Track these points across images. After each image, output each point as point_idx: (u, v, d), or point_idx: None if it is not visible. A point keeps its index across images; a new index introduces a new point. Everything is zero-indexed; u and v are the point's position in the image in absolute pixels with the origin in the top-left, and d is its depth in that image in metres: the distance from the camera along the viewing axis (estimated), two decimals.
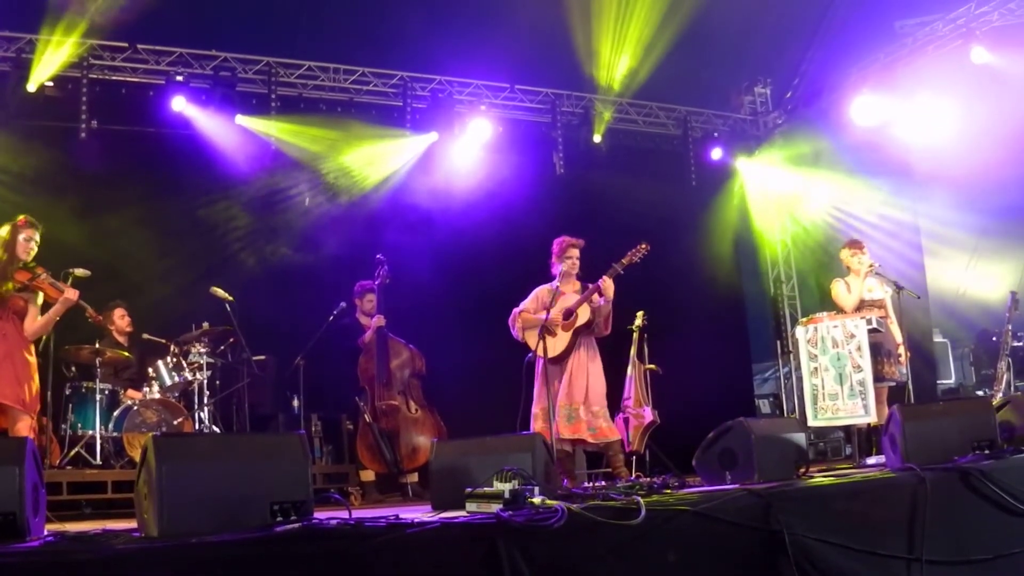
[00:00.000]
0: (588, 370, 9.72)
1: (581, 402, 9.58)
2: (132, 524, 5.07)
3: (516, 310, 9.78)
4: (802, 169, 16.04)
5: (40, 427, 9.49)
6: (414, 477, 11.28)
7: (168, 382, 11.09)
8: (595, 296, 9.63)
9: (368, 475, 11.37)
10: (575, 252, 9.88)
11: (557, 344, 9.63)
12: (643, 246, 9.81)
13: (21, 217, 8.45)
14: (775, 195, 16.55)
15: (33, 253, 8.42)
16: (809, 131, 15.85)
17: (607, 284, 9.57)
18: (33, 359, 8.47)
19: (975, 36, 13.28)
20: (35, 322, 8.45)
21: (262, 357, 11.84)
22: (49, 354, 9.11)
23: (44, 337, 8.86)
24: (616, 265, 9.65)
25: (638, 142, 16.09)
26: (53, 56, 11.96)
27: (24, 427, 8.16)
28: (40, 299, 8.49)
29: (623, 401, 11.87)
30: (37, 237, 8.44)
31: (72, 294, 8.43)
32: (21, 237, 8.35)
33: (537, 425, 9.48)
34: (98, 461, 10.22)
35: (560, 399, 9.58)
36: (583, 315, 9.64)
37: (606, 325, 9.81)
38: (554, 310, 9.62)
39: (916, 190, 14.95)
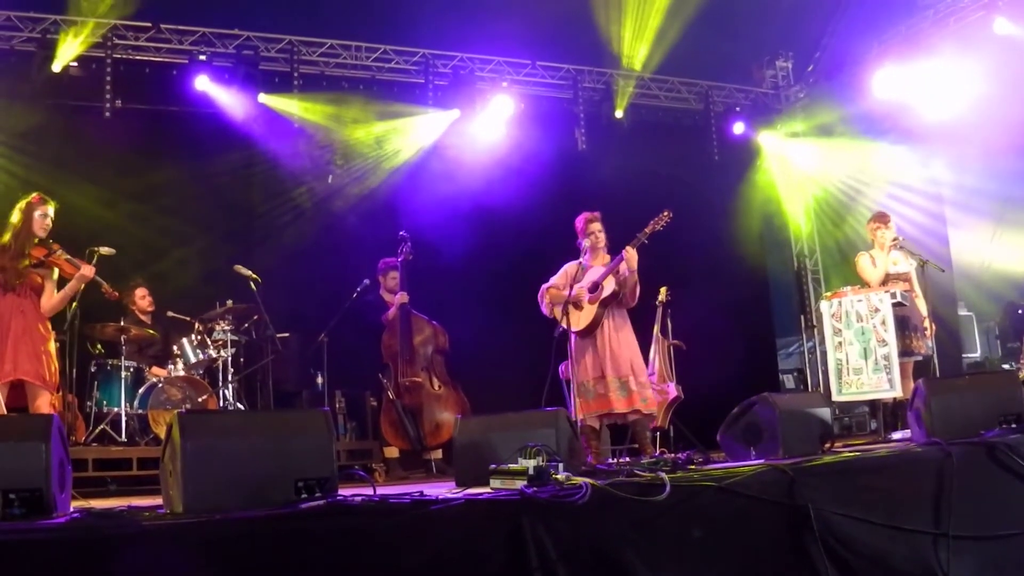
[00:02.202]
0: (620, 340, 9.66)
1: (629, 374, 9.50)
2: (157, 501, 5.11)
3: (544, 286, 9.71)
4: (824, 142, 15.96)
5: (66, 404, 9.54)
6: (438, 454, 11.30)
7: (193, 359, 11.14)
8: (621, 267, 9.58)
9: (392, 452, 11.41)
10: (595, 226, 9.81)
11: (583, 317, 9.57)
12: (666, 213, 9.73)
13: (35, 194, 8.48)
14: (798, 169, 16.47)
15: (48, 229, 8.44)
16: (831, 104, 15.76)
17: (630, 254, 9.51)
18: (50, 335, 8.50)
19: (997, 7, 13.17)
20: (52, 298, 8.48)
21: (286, 334, 11.87)
22: (75, 331, 9.14)
23: (69, 314, 8.90)
24: (639, 235, 9.59)
25: (660, 117, 16.03)
26: (77, 36, 11.98)
27: (44, 403, 8.19)
28: (56, 275, 8.51)
29: (647, 377, 11.86)
30: (52, 213, 8.46)
31: (88, 271, 8.45)
32: (37, 214, 8.37)
33: (578, 400, 9.42)
34: (123, 438, 10.30)
35: (591, 373, 9.52)
36: (608, 286, 9.58)
37: (632, 296, 9.73)
38: (580, 284, 9.59)
39: (939, 162, 14.90)
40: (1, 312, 8.19)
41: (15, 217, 8.36)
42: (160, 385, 10.70)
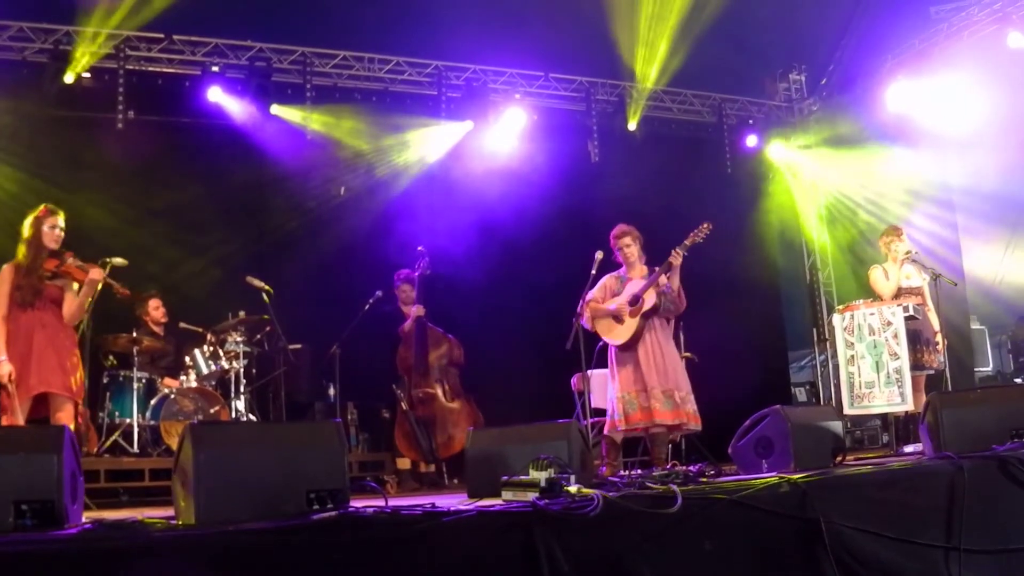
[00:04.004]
0: (664, 353, 9.60)
1: (674, 387, 9.43)
2: (169, 512, 5.12)
3: (584, 299, 9.64)
4: (838, 155, 15.95)
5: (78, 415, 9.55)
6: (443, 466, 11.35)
7: (205, 371, 11.16)
8: (661, 279, 9.54)
9: (404, 463, 11.41)
10: (622, 240, 9.74)
11: (623, 331, 9.53)
12: (706, 225, 9.70)
13: (42, 207, 8.38)
14: (810, 182, 16.47)
15: (60, 239, 8.36)
16: (844, 117, 15.75)
17: (676, 260, 9.47)
18: (75, 346, 8.45)
19: (1011, 20, 13.15)
20: (71, 306, 8.45)
21: (298, 346, 11.89)
22: (86, 343, 9.13)
23: (82, 326, 8.87)
24: (678, 248, 9.56)
25: (673, 130, 16.01)
26: (90, 47, 12.01)
27: (66, 415, 8.16)
28: (76, 284, 8.48)
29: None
30: (61, 223, 8.35)
31: (96, 274, 8.35)
32: (46, 227, 8.26)
33: (612, 412, 9.39)
34: (135, 449, 10.33)
35: (634, 386, 9.46)
36: (649, 299, 9.54)
37: (681, 300, 9.71)
38: (621, 297, 9.57)
39: (953, 176, 14.86)
40: (23, 328, 8.13)
41: (26, 233, 8.30)
42: (172, 396, 10.73)
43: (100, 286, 8.54)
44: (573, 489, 5.02)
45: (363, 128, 13.73)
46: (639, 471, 8.13)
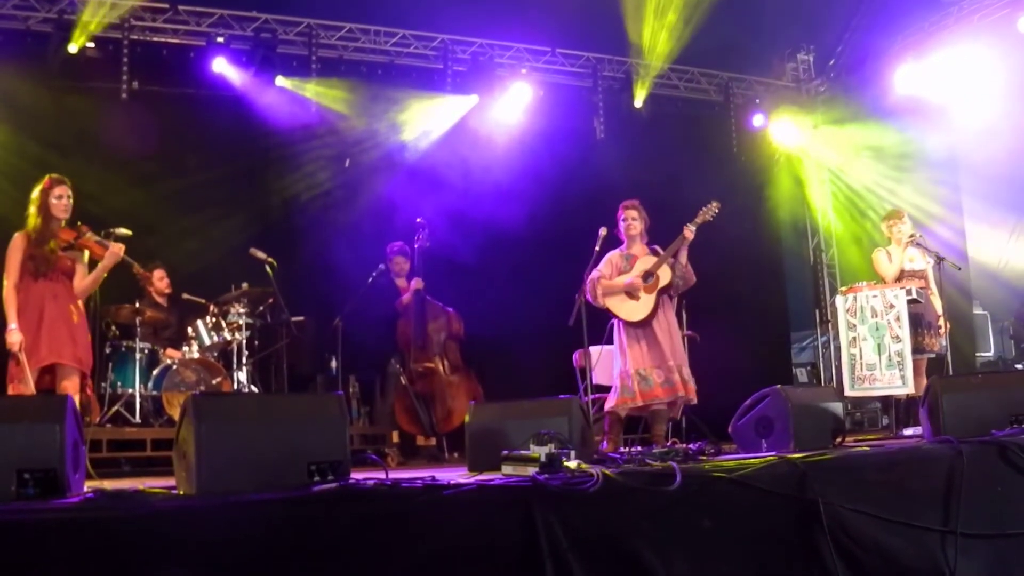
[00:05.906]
0: (672, 329, 9.62)
1: (673, 361, 9.47)
2: (170, 482, 5.12)
3: (593, 276, 9.60)
4: (844, 136, 15.92)
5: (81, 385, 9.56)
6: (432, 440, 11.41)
7: (207, 342, 11.17)
8: (681, 255, 9.53)
9: (394, 436, 11.43)
10: (629, 213, 9.72)
11: (640, 308, 9.50)
12: (714, 204, 9.69)
13: (46, 178, 8.34)
14: (816, 163, 16.45)
15: (69, 208, 8.37)
16: (851, 99, 15.72)
17: (690, 235, 9.47)
18: (83, 317, 8.47)
19: (1022, 4, 13.11)
20: (84, 280, 8.47)
21: (300, 318, 11.87)
22: (91, 313, 9.14)
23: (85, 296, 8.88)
24: (691, 224, 9.53)
25: (679, 108, 15.97)
26: (94, 17, 11.96)
27: (72, 385, 8.17)
28: (86, 257, 8.49)
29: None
30: (69, 192, 8.37)
31: (118, 249, 8.40)
32: (53, 198, 8.25)
33: (623, 388, 9.40)
34: (137, 419, 10.34)
35: (648, 362, 9.46)
36: (664, 276, 9.51)
37: (690, 275, 9.69)
38: (631, 274, 9.54)
39: (959, 160, 14.85)
40: (34, 298, 8.13)
41: (33, 206, 8.28)
42: (174, 367, 10.73)
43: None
44: (573, 465, 5.04)
45: (368, 101, 13.71)
46: (639, 448, 8.15)
